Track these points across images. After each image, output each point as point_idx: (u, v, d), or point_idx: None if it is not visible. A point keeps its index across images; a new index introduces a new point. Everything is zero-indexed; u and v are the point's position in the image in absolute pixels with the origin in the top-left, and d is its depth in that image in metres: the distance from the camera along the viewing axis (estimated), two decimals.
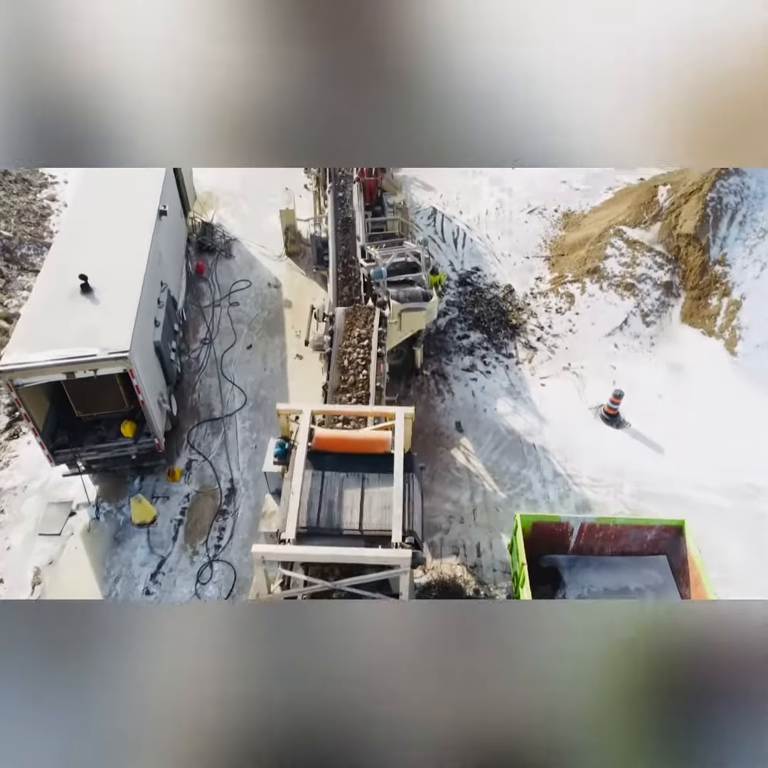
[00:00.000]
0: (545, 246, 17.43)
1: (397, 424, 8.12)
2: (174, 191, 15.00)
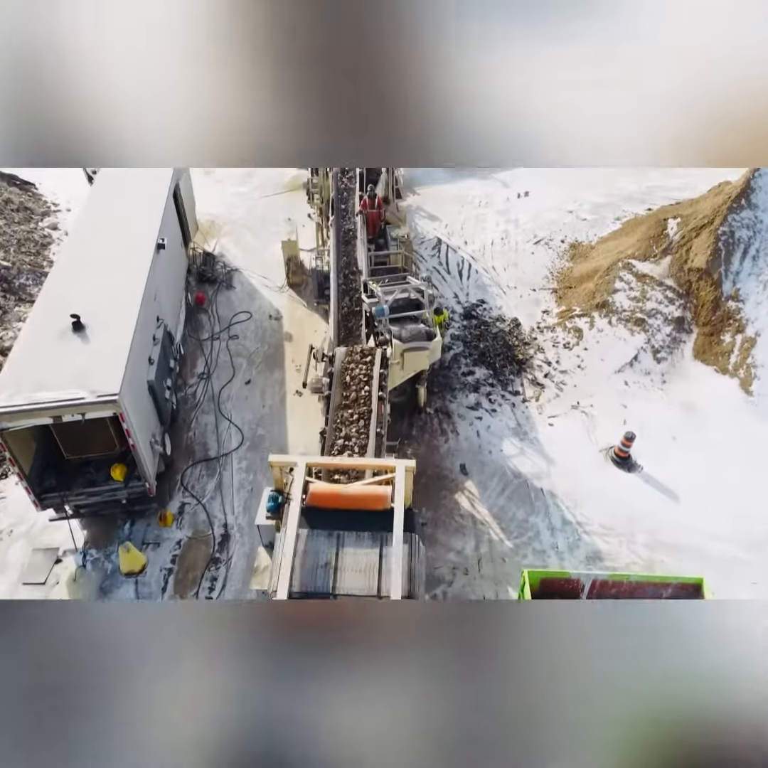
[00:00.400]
0: (552, 278, 17.00)
1: (397, 478, 7.60)
2: (174, 222, 14.69)
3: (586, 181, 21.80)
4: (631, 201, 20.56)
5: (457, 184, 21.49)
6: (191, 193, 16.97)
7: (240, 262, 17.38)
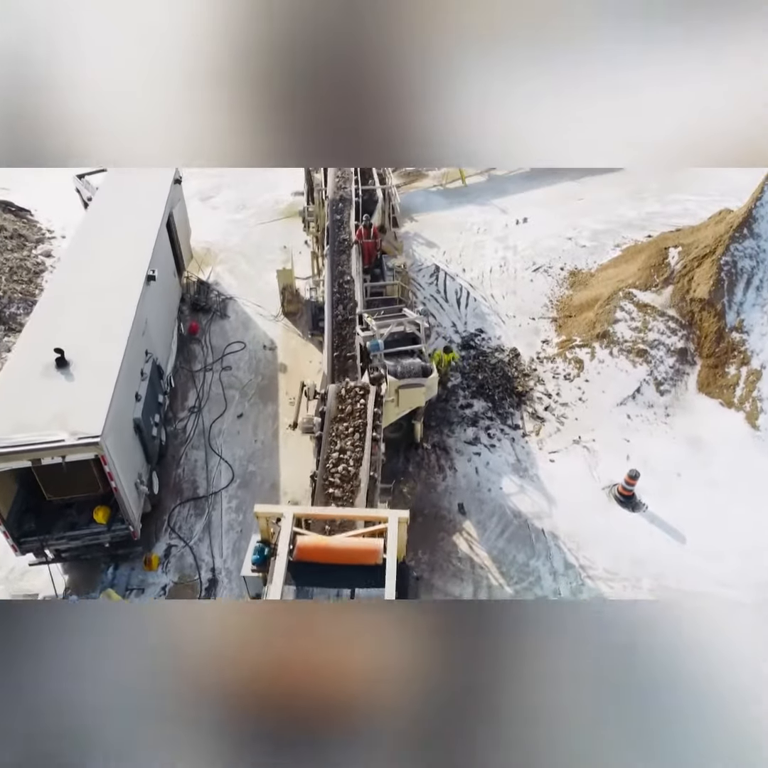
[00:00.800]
0: (551, 306, 16.66)
1: (389, 530, 7.13)
2: (167, 252, 14.38)
3: (585, 208, 21.59)
4: (630, 228, 20.31)
5: (455, 211, 21.27)
6: (186, 222, 16.72)
7: (235, 290, 17.06)
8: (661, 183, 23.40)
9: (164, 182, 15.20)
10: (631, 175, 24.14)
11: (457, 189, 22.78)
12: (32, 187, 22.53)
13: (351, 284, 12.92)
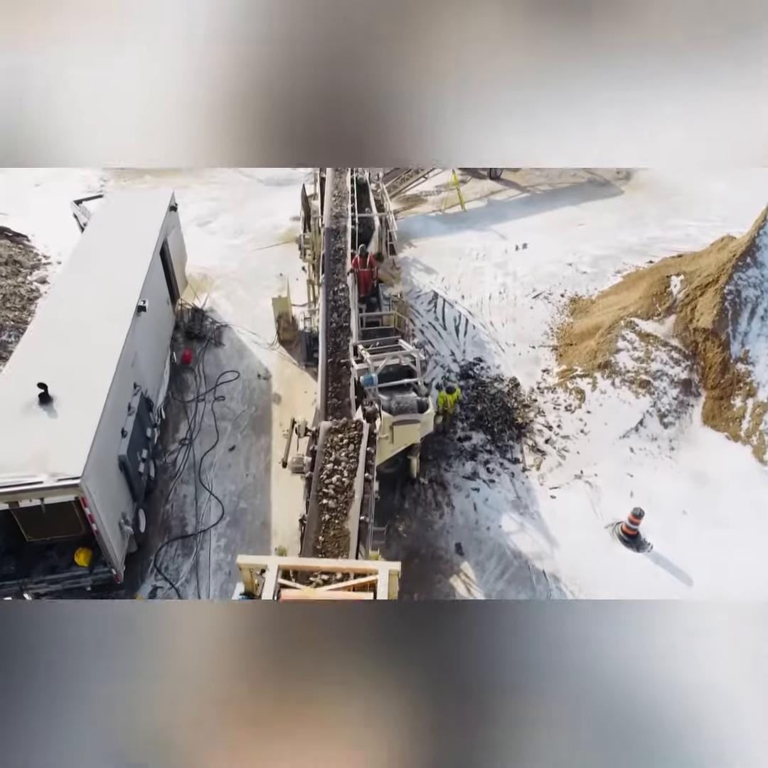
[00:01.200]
0: (552, 334, 16.31)
1: (379, 583, 6.70)
2: (161, 280, 14.09)
3: (585, 233, 21.35)
4: (631, 253, 20.05)
5: (454, 236, 21.04)
6: (182, 248, 16.47)
7: (230, 317, 16.76)
8: (661, 208, 23.20)
9: (159, 209, 14.97)
10: (631, 200, 23.97)
11: (456, 214, 22.59)
12: (31, 211, 22.43)
13: (346, 291, 12.77)
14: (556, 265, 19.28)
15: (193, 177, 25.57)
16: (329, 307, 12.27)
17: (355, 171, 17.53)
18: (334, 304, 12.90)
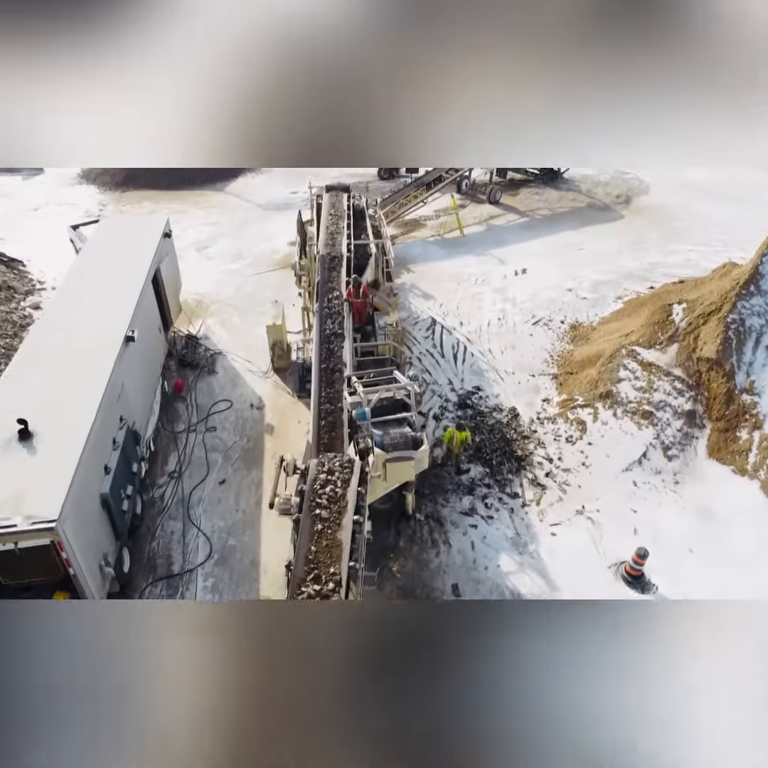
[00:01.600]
0: (552, 362, 15.94)
1: None
2: (152, 308, 13.79)
3: (585, 258, 21.09)
4: (631, 278, 19.77)
5: (453, 261, 20.81)
6: (176, 274, 16.22)
7: (225, 344, 16.44)
8: (661, 233, 22.98)
9: (152, 236, 14.75)
10: (631, 224, 23.76)
11: (455, 239, 22.39)
12: (28, 236, 22.29)
13: (340, 299, 12.62)
14: (555, 290, 18.99)
15: (192, 202, 25.49)
16: (323, 338, 11.94)
17: (352, 197, 17.34)
18: (329, 311, 12.60)
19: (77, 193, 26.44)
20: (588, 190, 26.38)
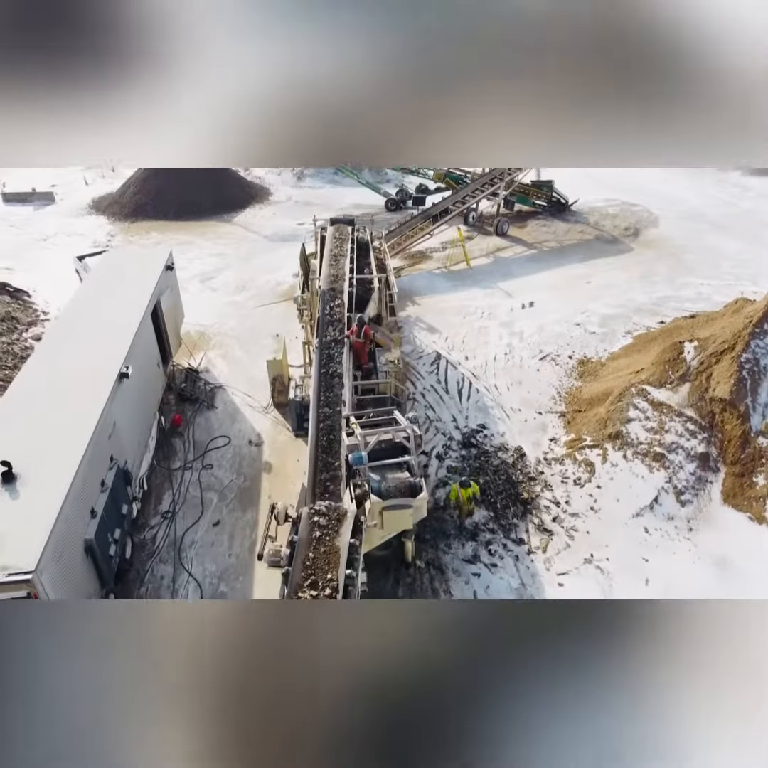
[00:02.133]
0: (559, 399, 15.46)
1: None
2: (151, 342, 13.53)
3: (593, 292, 20.73)
4: (641, 313, 19.35)
5: (459, 294, 20.52)
6: (178, 307, 16.01)
7: (225, 378, 16.13)
8: (671, 266, 22.62)
9: (154, 269, 14.56)
10: (640, 257, 23.44)
11: (461, 271, 22.14)
12: (36, 266, 22.31)
13: (342, 307, 12.66)
14: (563, 324, 18.60)
15: (199, 233, 25.51)
16: (322, 376, 11.57)
17: (356, 230, 17.15)
18: (329, 348, 12.27)
19: (87, 224, 26.58)
20: (596, 222, 26.15)
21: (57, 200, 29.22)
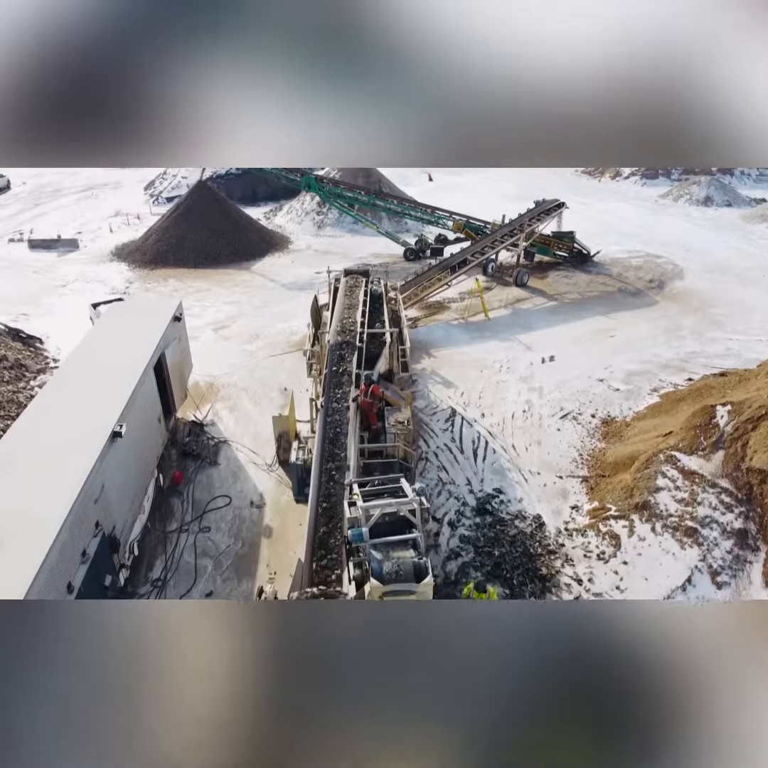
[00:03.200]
0: (581, 462, 14.45)
1: None
2: (152, 397, 12.96)
3: (616, 346, 19.87)
4: (668, 369, 18.40)
5: (477, 346, 19.81)
6: (185, 359, 15.55)
7: (231, 432, 15.46)
8: (698, 320, 21.72)
9: (161, 320, 14.14)
10: (665, 310, 22.60)
11: (479, 322, 21.50)
12: (52, 312, 22.25)
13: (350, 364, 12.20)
14: (585, 380, 17.71)
15: (217, 281, 25.39)
16: (326, 438, 10.82)
17: (370, 281, 16.66)
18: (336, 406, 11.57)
19: (107, 270, 26.69)
20: (619, 274, 25.47)
21: (81, 247, 29.55)
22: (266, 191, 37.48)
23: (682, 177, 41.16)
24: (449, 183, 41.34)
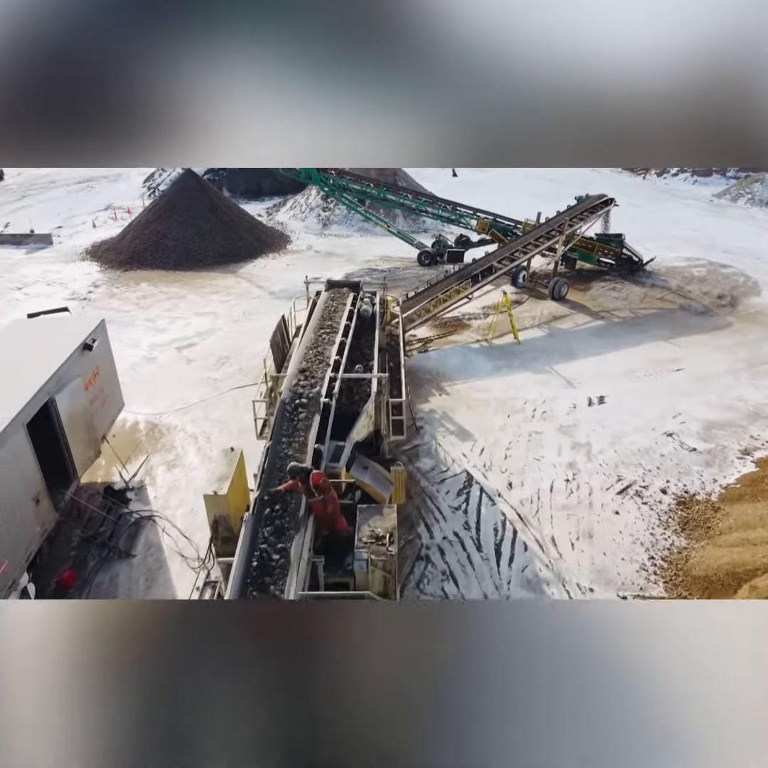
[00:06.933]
0: (654, 570, 9.68)
1: None
2: (22, 467, 8.58)
3: (686, 383, 14.93)
4: (760, 420, 13.43)
5: (503, 380, 15.06)
6: (104, 398, 11.16)
7: (162, 502, 11.03)
8: None
9: (59, 350, 9.80)
10: (742, 335, 17.50)
11: (506, 346, 16.73)
12: None
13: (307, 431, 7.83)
14: (649, 434, 12.89)
15: (196, 286, 21.05)
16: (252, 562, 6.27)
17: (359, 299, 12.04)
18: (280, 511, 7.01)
19: (75, 271, 22.55)
20: (679, 286, 20.42)
21: (55, 243, 25.54)
22: (273, 186, 33.10)
23: (740, 174, 35.60)
24: (474, 179, 36.40)
